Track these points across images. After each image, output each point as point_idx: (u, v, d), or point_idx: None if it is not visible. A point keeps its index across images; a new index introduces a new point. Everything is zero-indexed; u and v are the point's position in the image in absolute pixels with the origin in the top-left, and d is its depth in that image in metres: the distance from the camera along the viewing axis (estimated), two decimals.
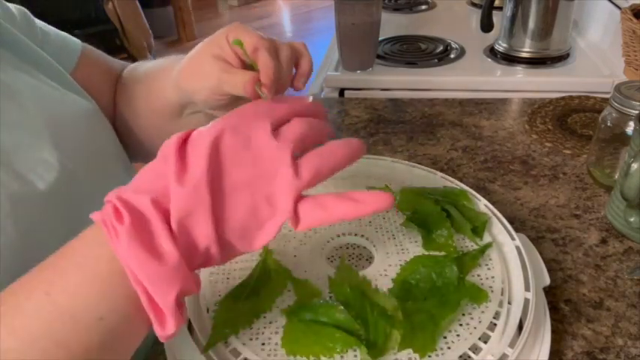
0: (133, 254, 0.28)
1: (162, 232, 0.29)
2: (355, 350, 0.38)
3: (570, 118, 0.84)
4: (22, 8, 0.56)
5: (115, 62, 0.64)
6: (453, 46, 1.16)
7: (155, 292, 0.29)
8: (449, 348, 0.39)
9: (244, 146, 0.32)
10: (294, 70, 0.46)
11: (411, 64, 1.09)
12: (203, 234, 0.30)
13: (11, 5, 0.55)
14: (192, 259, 0.31)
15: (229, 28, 0.45)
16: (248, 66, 0.44)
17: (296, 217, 0.32)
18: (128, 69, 0.63)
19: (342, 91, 1.04)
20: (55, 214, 0.44)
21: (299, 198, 0.32)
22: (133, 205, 0.30)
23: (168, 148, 0.31)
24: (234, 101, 0.47)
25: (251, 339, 0.40)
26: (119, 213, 0.29)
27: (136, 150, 0.63)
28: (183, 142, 0.32)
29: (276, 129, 0.34)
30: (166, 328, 0.30)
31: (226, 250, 0.32)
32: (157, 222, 0.29)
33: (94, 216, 0.30)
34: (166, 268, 0.29)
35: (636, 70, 0.94)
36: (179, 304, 0.30)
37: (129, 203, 0.30)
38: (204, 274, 0.46)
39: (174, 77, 0.50)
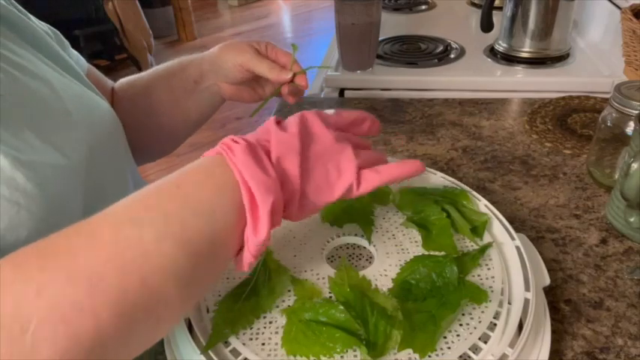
0: (246, 163, 0.36)
1: (265, 159, 0.37)
2: (355, 350, 0.38)
3: (570, 118, 0.84)
4: (54, 29, 0.62)
5: (108, 80, 0.72)
6: (453, 46, 1.16)
7: (258, 193, 0.35)
8: (449, 348, 0.39)
9: (321, 132, 0.41)
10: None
11: (411, 64, 1.09)
12: (292, 172, 0.38)
13: (45, 25, 0.60)
14: (283, 187, 0.38)
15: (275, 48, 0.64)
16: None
17: (358, 181, 0.40)
18: (122, 82, 0.71)
19: (342, 91, 1.04)
20: (78, 188, 0.48)
21: (359, 168, 0.41)
22: (244, 139, 0.38)
23: (268, 122, 0.40)
24: (250, 81, 0.65)
25: (251, 339, 0.40)
26: (233, 142, 0.37)
27: (139, 153, 0.68)
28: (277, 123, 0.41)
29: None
30: (258, 232, 0.35)
31: (302, 202, 0.39)
32: (262, 152, 0.37)
33: (208, 152, 0.38)
34: (269, 179, 0.36)
35: (636, 70, 0.94)
36: (272, 213, 0.36)
37: (242, 137, 0.38)
38: None
39: (204, 54, 0.65)
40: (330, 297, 0.43)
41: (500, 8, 1.11)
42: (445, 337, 0.39)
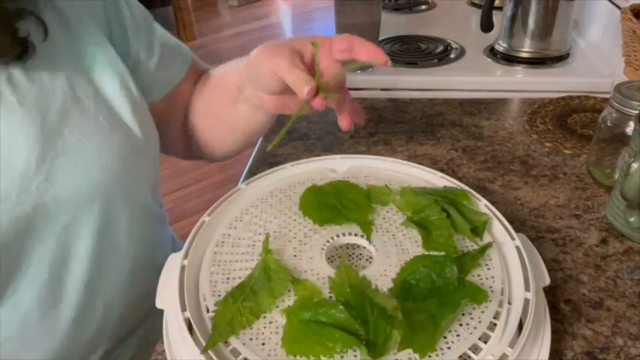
0: None
1: None
2: (355, 350, 0.38)
3: (570, 118, 0.84)
4: (147, 13, 0.60)
5: (204, 66, 0.69)
6: (453, 46, 1.16)
7: None
8: (449, 348, 0.39)
9: None
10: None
11: (411, 64, 1.09)
12: None
13: (139, 10, 0.59)
14: None
15: (329, 37, 0.53)
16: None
17: None
18: (209, 73, 0.68)
19: None
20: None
21: None
22: None
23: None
24: (285, 91, 0.51)
25: (251, 339, 0.40)
26: None
27: (200, 148, 0.69)
28: None
29: None
30: None
31: None
32: None
33: None
34: None
35: (636, 70, 0.94)
36: None
37: None
38: (204, 274, 0.46)
39: (246, 59, 0.55)
40: (330, 297, 0.43)
41: (500, 8, 1.11)
42: (445, 337, 0.39)
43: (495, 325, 0.40)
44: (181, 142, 0.69)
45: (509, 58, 1.09)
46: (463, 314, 0.41)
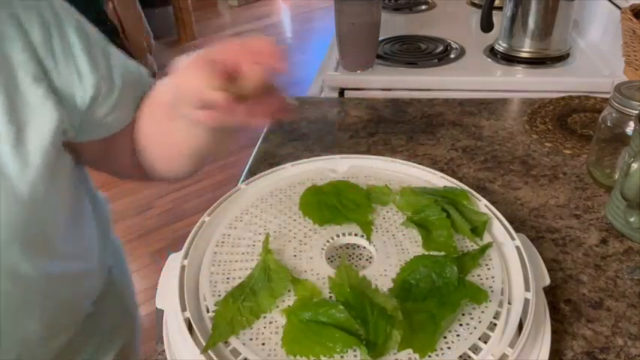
0: None
1: None
2: (355, 350, 0.38)
3: (570, 118, 0.84)
4: (102, 36, 0.54)
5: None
6: (453, 46, 1.16)
7: None
8: (449, 348, 0.39)
9: None
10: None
11: (411, 64, 1.09)
12: None
13: (93, 33, 0.53)
14: None
15: (243, 41, 0.46)
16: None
17: None
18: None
19: (342, 91, 1.04)
20: None
21: None
22: None
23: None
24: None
25: (251, 339, 0.40)
26: None
27: (148, 168, 0.62)
28: None
29: None
30: None
31: None
32: None
33: None
34: None
35: (636, 70, 0.94)
36: None
37: None
38: (204, 274, 0.46)
39: (175, 73, 0.48)
40: (330, 297, 0.43)
41: (500, 8, 1.11)
42: (445, 337, 0.39)
43: (495, 325, 0.40)
44: (132, 164, 0.62)
45: (509, 58, 1.09)
46: (463, 314, 0.41)
